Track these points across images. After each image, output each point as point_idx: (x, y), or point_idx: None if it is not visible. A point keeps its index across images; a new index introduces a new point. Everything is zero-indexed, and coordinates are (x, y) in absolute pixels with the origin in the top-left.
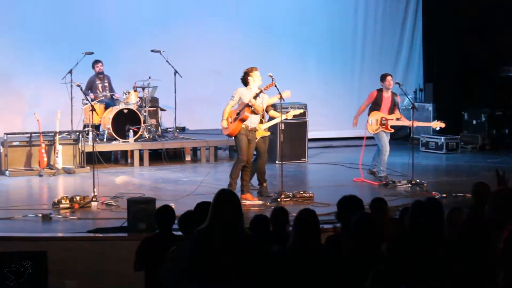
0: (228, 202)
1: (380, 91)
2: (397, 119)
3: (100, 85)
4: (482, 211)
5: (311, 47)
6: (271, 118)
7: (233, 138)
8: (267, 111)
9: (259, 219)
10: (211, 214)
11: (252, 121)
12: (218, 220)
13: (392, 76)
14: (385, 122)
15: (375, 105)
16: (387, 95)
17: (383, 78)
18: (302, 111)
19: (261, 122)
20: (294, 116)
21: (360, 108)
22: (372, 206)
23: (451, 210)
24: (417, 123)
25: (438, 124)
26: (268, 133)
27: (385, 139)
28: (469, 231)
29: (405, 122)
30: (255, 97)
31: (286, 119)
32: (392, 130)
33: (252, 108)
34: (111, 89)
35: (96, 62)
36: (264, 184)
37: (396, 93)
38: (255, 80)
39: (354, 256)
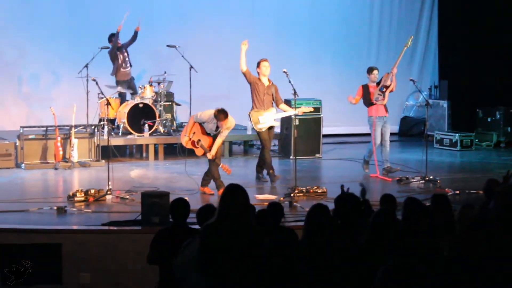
0: (236, 196)
1: (365, 86)
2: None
3: (121, 57)
4: None
5: (326, 43)
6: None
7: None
8: (277, 104)
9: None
10: (219, 208)
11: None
12: (227, 214)
13: (378, 70)
14: (383, 87)
15: (366, 97)
16: (372, 85)
17: (370, 71)
18: (312, 109)
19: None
20: (304, 113)
21: (352, 101)
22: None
23: (463, 207)
24: (394, 68)
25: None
26: (276, 124)
27: (378, 131)
28: (476, 228)
29: (392, 70)
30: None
31: (297, 114)
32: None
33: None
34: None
35: (112, 35)
36: (271, 171)
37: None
38: (221, 126)
39: (369, 250)
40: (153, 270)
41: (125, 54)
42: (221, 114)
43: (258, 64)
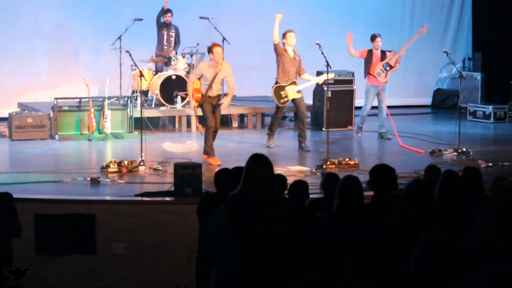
0: (260, 165)
1: (370, 51)
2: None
3: (165, 34)
4: None
5: (360, 15)
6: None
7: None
8: (300, 74)
9: (298, 185)
10: (244, 177)
11: (214, 89)
12: (251, 184)
13: (380, 38)
14: (387, 65)
15: (367, 63)
16: (377, 53)
17: (373, 38)
18: (334, 75)
19: (294, 83)
20: (325, 81)
21: (350, 50)
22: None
23: (496, 178)
24: (403, 50)
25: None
26: (300, 95)
27: (371, 99)
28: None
29: (400, 52)
30: (214, 79)
31: (317, 84)
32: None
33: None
34: (177, 42)
35: (165, 12)
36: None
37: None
38: (216, 57)
39: (403, 222)
40: (185, 241)
41: (171, 33)
42: (213, 44)
43: (284, 35)
